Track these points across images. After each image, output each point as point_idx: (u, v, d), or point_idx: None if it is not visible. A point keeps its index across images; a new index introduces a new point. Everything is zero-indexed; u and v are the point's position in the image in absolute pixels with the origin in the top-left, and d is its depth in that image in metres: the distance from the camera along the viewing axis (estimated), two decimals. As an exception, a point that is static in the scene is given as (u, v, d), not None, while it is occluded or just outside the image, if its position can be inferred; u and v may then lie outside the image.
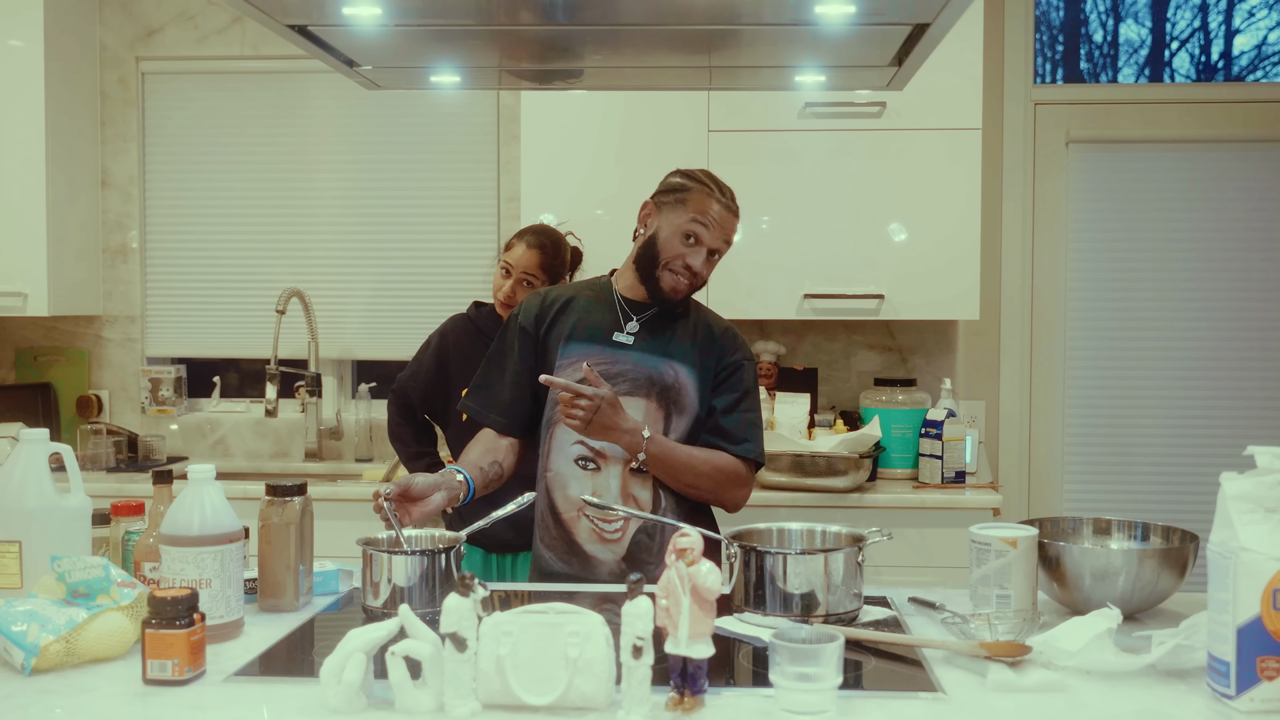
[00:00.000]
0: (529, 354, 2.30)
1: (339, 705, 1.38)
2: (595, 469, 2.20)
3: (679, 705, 1.37)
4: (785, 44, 2.04)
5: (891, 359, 3.84)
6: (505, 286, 2.89)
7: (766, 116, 3.45)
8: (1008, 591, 1.73)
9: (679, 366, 2.23)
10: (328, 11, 1.85)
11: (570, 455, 2.22)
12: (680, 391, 2.22)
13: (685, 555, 1.39)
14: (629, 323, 2.26)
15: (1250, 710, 1.38)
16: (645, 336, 2.25)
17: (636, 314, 2.27)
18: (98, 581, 1.61)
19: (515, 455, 2.30)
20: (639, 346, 2.24)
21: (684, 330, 2.27)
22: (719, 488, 2.23)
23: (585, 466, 2.21)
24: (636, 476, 2.19)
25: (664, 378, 2.22)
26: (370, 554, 1.82)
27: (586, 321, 2.28)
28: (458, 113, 3.94)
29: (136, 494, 2.93)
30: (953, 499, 3.21)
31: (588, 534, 2.20)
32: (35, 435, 1.83)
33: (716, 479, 2.21)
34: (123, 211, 4.03)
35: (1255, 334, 3.87)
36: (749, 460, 2.24)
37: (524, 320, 2.32)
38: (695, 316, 2.30)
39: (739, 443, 2.22)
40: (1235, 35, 4.13)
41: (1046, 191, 3.89)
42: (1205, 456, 3.85)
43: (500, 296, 2.89)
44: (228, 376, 4.14)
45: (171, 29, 3.99)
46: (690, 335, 2.26)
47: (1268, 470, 1.45)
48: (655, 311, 2.27)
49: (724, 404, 2.24)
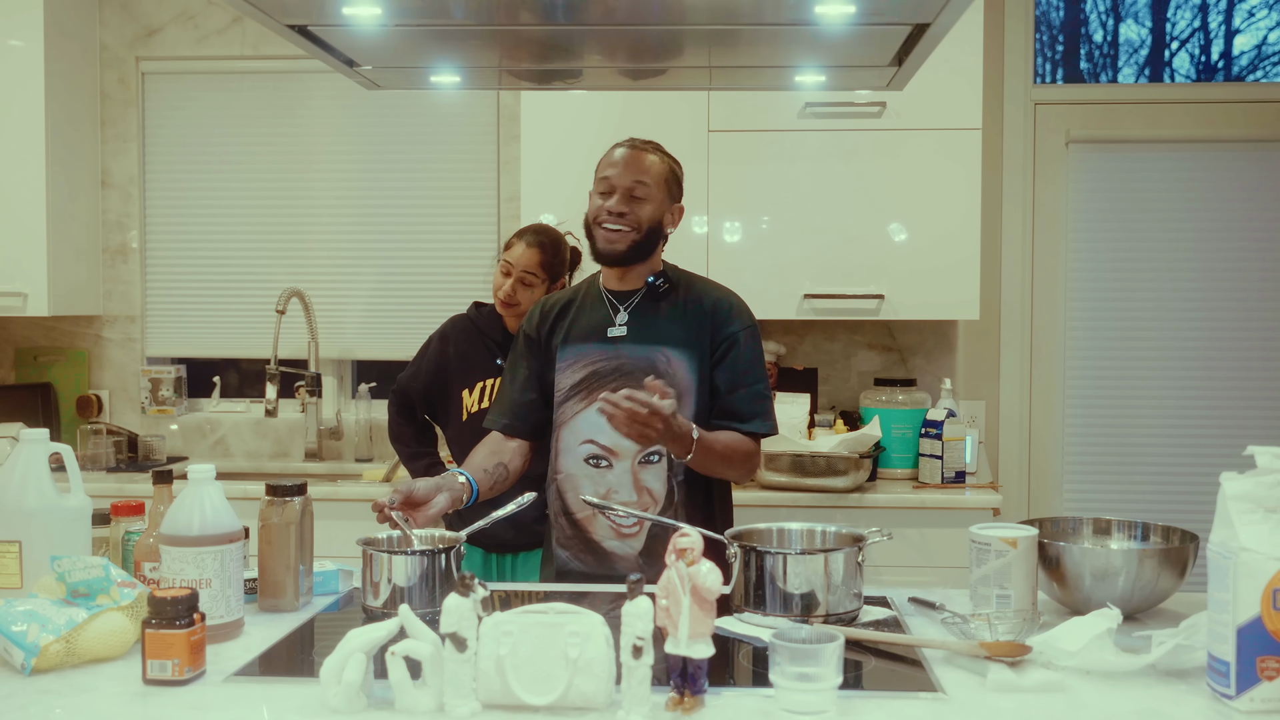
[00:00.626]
0: (536, 359, 2.33)
1: (339, 705, 1.38)
2: (607, 466, 2.21)
3: (679, 705, 1.38)
4: (785, 44, 2.04)
5: (891, 359, 3.84)
6: (505, 285, 2.89)
7: (766, 116, 3.45)
8: (1008, 591, 1.73)
9: (670, 351, 2.24)
10: (328, 11, 1.85)
11: (580, 455, 2.22)
12: (674, 377, 2.23)
13: (685, 555, 1.39)
14: (618, 315, 2.28)
15: (1250, 710, 1.38)
16: (637, 326, 2.26)
17: (623, 304, 2.29)
18: (98, 581, 1.61)
19: (523, 458, 2.31)
20: (632, 338, 2.26)
21: (672, 310, 2.28)
22: (740, 469, 2.26)
23: (597, 465, 2.22)
24: (647, 468, 2.20)
25: (657, 366, 2.23)
26: (370, 554, 1.82)
27: (580, 322, 2.29)
28: (458, 113, 3.94)
29: (136, 494, 2.93)
30: (953, 499, 3.21)
31: (605, 530, 2.21)
32: (35, 435, 1.83)
33: (737, 461, 2.24)
34: (123, 211, 4.03)
35: (1255, 334, 3.87)
36: (758, 436, 2.27)
37: (528, 328, 2.36)
38: (685, 292, 2.31)
39: (747, 420, 2.24)
40: (1235, 35, 4.13)
41: (1046, 191, 3.89)
42: (1205, 456, 3.85)
43: (500, 295, 2.90)
44: (228, 376, 4.14)
45: (171, 29, 3.99)
46: (680, 315, 2.28)
47: (1268, 470, 1.45)
48: (639, 298, 2.29)
49: (725, 382, 2.25)
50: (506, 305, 2.89)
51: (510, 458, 2.27)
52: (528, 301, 2.84)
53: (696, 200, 3.49)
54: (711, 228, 3.49)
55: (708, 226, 3.49)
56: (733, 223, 3.49)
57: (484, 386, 2.88)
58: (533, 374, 2.32)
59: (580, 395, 2.25)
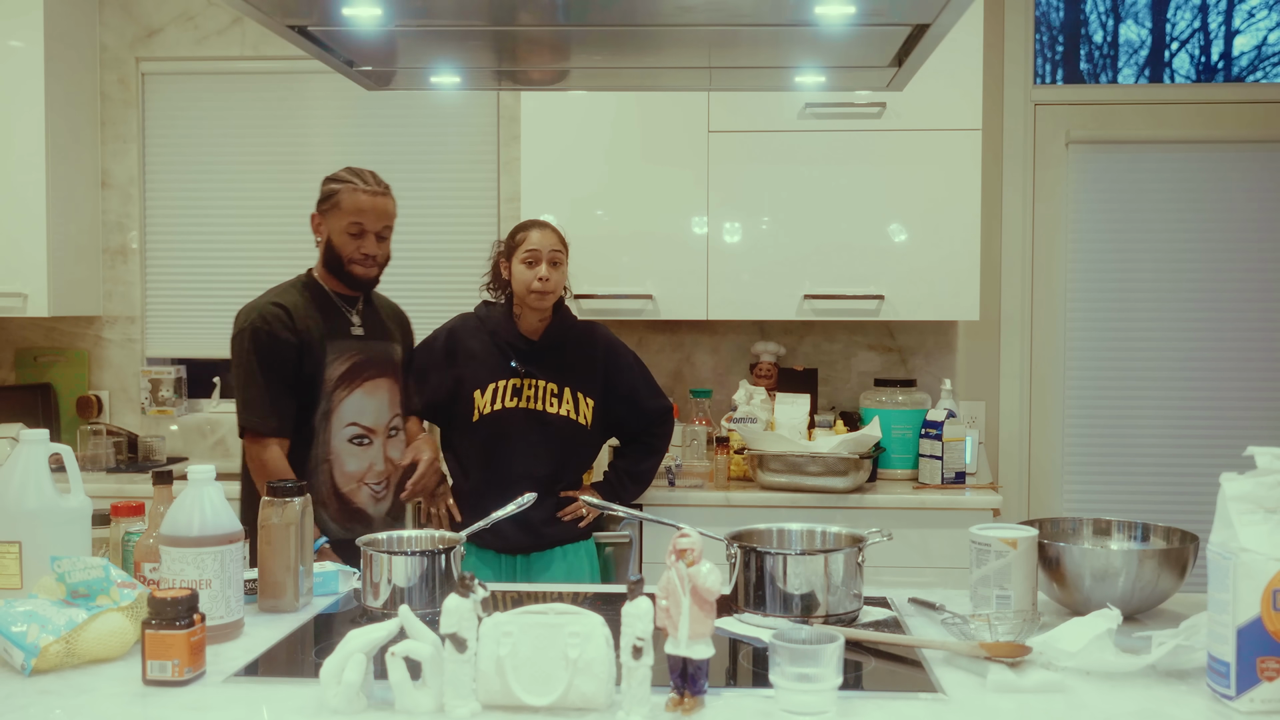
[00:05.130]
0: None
1: (339, 706, 1.38)
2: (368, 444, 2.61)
3: (679, 706, 1.37)
4: (785, 44, 2.04)
5: (891, 359, 3.84)
6: (540, 270, 2.78)
7: (766, 117, 3.45)
8: (1008, 592, 1.73)
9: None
10: (328, 12, 1.85)
11: (345, 436, 2.59)
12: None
13: (685, 556, 1.39)
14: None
15: (1250, 711, 1.38)
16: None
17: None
18: (98, 582, 1.61)
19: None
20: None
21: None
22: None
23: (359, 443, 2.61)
24: (393, 441, 2.67)
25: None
26: (370, 554, 1.82)
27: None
28: (458, 113, 3.95)
29: (136, 494, 2.93)
30: (953, 499, 3.21)
31: (367, 499, 2.64)
32: (35, 436, 1.83)
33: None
34: (123, 212, 4.03)
35: (1255, 334, 3.87)
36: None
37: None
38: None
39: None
40: (1235, 36, 4.13)
41: (1046, 192, 3.89)
42: (1205, 457, 3.85)
43: (536, 286, 2.80)
44: (228, 377, 4.14)
45: (171, 30, 3.99)
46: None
47: (1268, 471, 1.45)
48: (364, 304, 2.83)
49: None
50: (542, 292, 2.83)
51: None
52: (559, 282, 2.84)
53: (696, 200, 3.49)
54: (711, 228, 3.49)
55: (708, 227, 3.49)
56: (733, 223, 3.49)
57: (496, 388, 2.86)
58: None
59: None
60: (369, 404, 2.64)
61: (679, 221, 3.50)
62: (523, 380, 2.86)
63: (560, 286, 2.86)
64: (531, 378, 2.86)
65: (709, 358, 3.86)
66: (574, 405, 2.87)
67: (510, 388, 2.85)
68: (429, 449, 2.73)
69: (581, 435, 2.89)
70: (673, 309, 3.51)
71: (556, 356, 2.89)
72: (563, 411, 2.86)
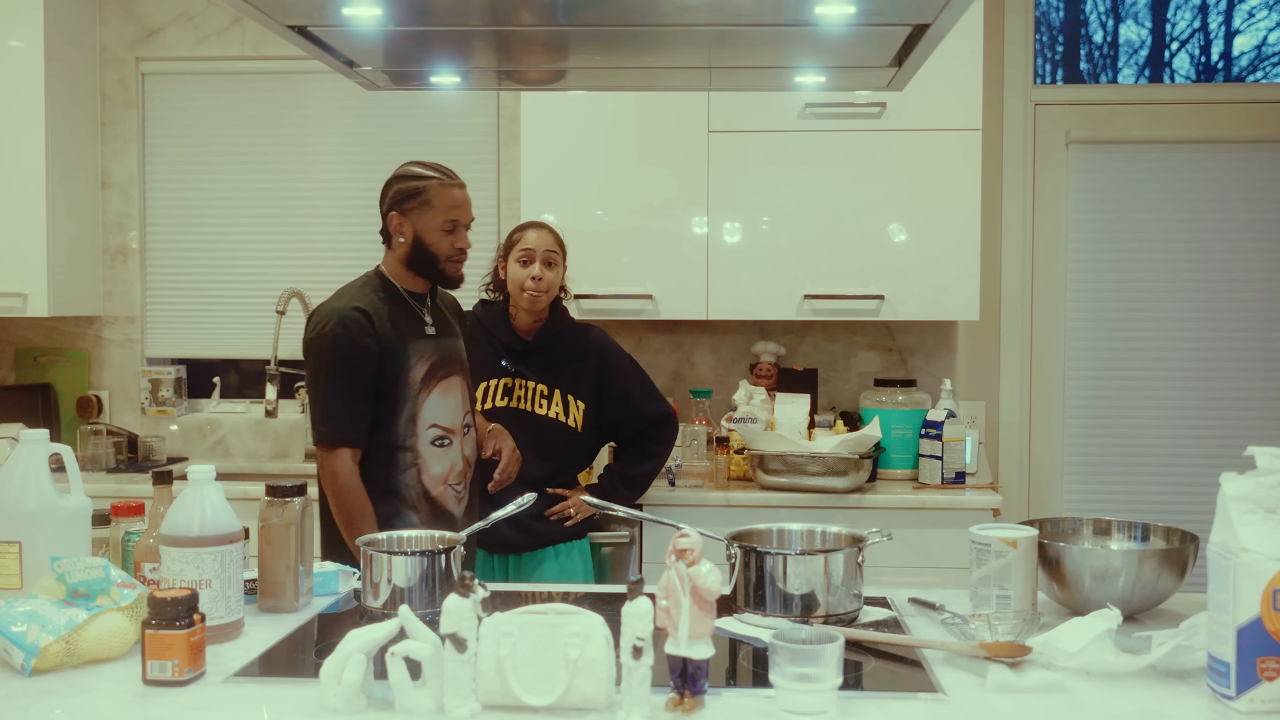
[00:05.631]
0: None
1: (339, 706, 1.38)
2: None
3: (679, 706, 1.37)
4: (785, 44, 2.04)
5: (891, 359, 3.84)
6: (533, 269, 2.81)
7: (766, 117, 3.45)
8: (1008, 592, 1.73)
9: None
10: (328, 12, 1.85)
11: (429, 438, 2.49)
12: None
13: (685, 556, 1.39)
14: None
15: (1250, 711, 1.38)
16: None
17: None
18: (98, 582, 1.61)
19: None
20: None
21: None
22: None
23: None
24: (467, 439, 2.56)
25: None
26: (370, 554, 1.82)
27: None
28: (458, 113, 3.95)
29: (136, 494, 2.93)
30: (953, 500, 3.21)
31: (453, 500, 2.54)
32: (35, 436, 1.82)
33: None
34: (123, 212, 4.03)
35: (1255, 334, 3.87)
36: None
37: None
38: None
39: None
40: (1235, 36, 4.13)
41: (1046, 192, 3.89)
42: (1205, 457, 3.85)
43: (530, 285, 2.82)
44: (228, 377, 4.14)
45: (171, 30, 3.99)
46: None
47: (1268, 471, 1.45)
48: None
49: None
50: (535, 292, 2.84)
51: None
52: (555, 282, 2.84)
53: (696, 200, 3.49)
54: (711, 228, 3.49)
55: (708, 227, 3.49)
56: (733, 223, 3.49)
57: (488, 387, 2.87)
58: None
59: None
60: (445, 404, 2.50)
61: (679, 221, 3.50)
62: (513, 380, 2.86)
63: (555, 287, 2.86)
64: (522, 378, 2.86)
65: (709, 358, 3.86)
66: (564, 408, 2.87)
67: (501, 387, 2.86)
68: (508, 438, 2.67)
69: (572, 437, 2.89)
70: (673, 309, 3.51)
71: (547, 357, 2.89)
72: (552, 413, 2.86)
